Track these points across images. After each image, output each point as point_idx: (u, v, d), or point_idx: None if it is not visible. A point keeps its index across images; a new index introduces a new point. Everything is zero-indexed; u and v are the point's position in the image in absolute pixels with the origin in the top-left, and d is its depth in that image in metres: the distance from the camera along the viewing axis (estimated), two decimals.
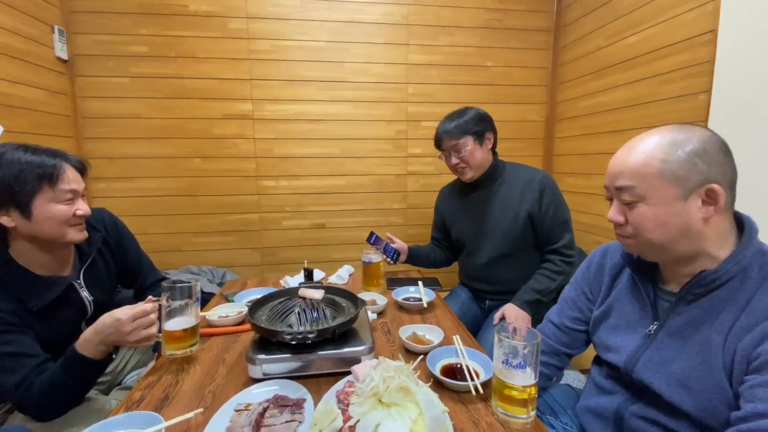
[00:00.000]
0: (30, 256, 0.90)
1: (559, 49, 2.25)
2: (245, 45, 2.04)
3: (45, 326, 0.91)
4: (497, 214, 1.41)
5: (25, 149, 0.85)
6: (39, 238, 0.88)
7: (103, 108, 1.98)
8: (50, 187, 0.86)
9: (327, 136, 2.18)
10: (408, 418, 0.61)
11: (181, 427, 0.69)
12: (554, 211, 1.35)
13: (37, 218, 0.85)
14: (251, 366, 0.82)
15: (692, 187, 0.62)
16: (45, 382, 0.82)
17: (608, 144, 1.89)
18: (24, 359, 0.83)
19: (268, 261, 2.23)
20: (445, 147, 1.42)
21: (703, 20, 1.40)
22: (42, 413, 0.85)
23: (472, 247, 1.49)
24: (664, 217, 0.64)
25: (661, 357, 0.69)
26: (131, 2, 1.94)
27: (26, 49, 1.66)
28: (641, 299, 0.76)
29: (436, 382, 0.80)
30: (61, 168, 0.88)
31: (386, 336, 1.07)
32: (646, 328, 0.73)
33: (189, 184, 2.10)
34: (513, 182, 1.41)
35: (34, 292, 0.89)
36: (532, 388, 0.68)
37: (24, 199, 0.83)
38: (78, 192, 0.92)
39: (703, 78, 1.40)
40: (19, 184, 0.82)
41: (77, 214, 0.91)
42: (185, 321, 0.88)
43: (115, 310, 0.82)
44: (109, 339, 0.82)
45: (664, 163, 0.63)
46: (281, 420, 0.67)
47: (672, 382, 0.66)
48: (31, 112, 1.69)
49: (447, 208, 1.61)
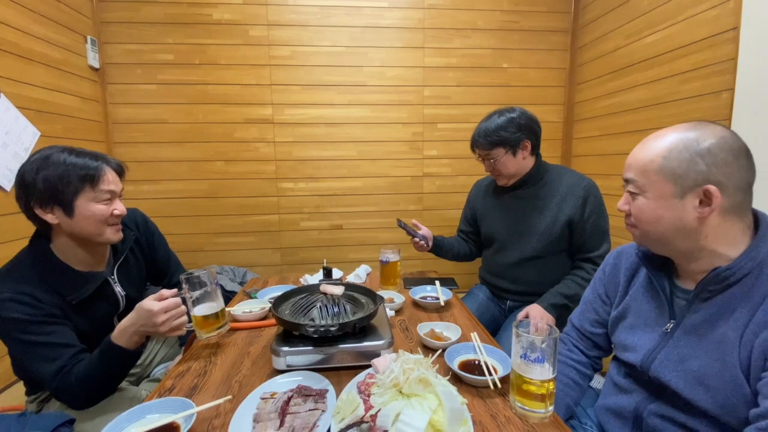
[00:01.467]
0: (70, 253, 0.96)
1: (577, 50, 2.24)
2: (266, 51, 2.11)
3: (82, 319, 0.96)
4: (535, 216, 1.38)
5: (69, 152, 0.91)
6: (79, 236, 0.94)
7: (132, 114, 2.08)
8: (91, 188, 0.91)
9: (344, 139, 2.23)
10: (428, 408, 0.63)
11: (211, 413, 0.72)
12: (596, 219, 1.32)
13: (79, 216, 0.90)
14: (275, 358, 0.85)
15: (689, 186, 0.63)
16: (82, 370, 0.86)
17: (628, 144, 1.87)
18: (62, 349, 0.88)
19: (287, 261, 2.29)
20: (478, 154, 1.42)
21: (724, 18, 1.38)
22: (77, 401, 0.90)
23: (503, 244, 1.46)
24: (659, 211, 0.66)
25: (677, 355, 0.69)
26: (158, 13, 2.03)
27: (61, 59, 1.76)
28: (657, 297, 0.76)
29: (454, 376, 0.81)
30: (102, 170, 0.93)
31: (404, 333, 1.09)
32: (662, 327, 0.73)
33: (211, 186, 2.17)
34: (556, 186, 1.37)
35: (73, 287, 0.94)
36: (550, 383, 0.68)
37: (67, 198, 0.88)
38: (116, 193, 0.97)
39: (726, 76, 1.38)
40: (63, 184, 0.88)
41: (114, 214, 0.95)
42: (211, 306, 0.96)
43: (146, 302, 0.86)
44: (142, 329, 0.87)
45: (665, 160, 0.65)
46: (305, 408, 0.70)
47: (689, 380, 0.66)
48: (66, 118, 1.78)
49: (481, 202, 1.58)
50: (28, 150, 1.55)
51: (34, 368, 0.86)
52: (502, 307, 1.52)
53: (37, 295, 0.87)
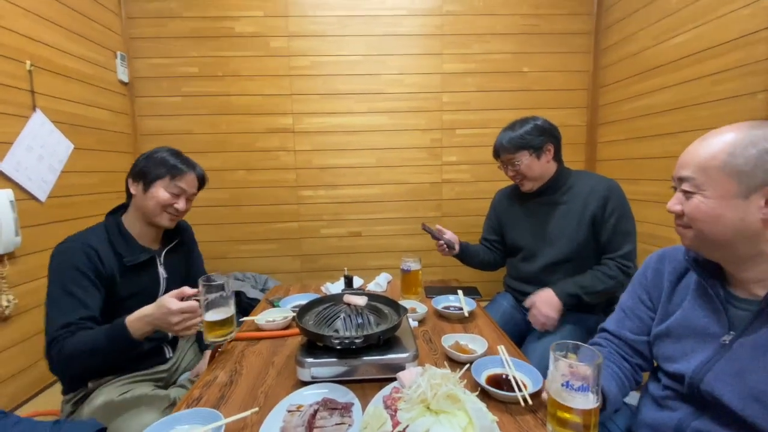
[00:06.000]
0: (134, 225, 1.14)
1: (600, 52, 2.19)
2: (286, 62, 2.14)
3: (127, 284, 1.08)
4: (560, 220, 1.37)
5: (173, 153, 1.15)
6: (143, 210, 1.11)
7: (159, 125, 2.14)
8: (170, 180, 1.11)
9: (363, 147, 2.23)
10: (458, 426, 0.62)
11: (239, 425, 0.73)
12: (618, 218, 1.29)
13: (149, 194, 1.10)
14: (300, 369, 0.85)
15: (756, 186, 0.60)
16: (84, 336, 0.93)
17: (656, 148, 1.81)
18: (80, 308, 0.97)
19: (308, 268, 2.30)
20: (502, 159, 1.42)
21: (759, 16, 1.32)
22: (61, 364, 0.95)
23: (530, 252, 1.45)
24: (719, 210, 0.63)
25: (734, 368, 0.65)
26: (183, 27, 2.09)
27: (93, 74, 1.83)
28: (711, 306, 0.72)
29: (482, 392, 0.80)
30: (184, 172, 1.13)
31: (428, 344, 1.07)
32: (719, 338, 0.69)
33: (233, 195, 2.21)
34: (579, 189, 1.36)
35: (130, 251, 1.10)
36: (593, 412, 0.64)
37: (150, 179, 1.10)
38: (185, 192, 1.14)
39: (762, 77, 1.32)
40: (153, 169, 1.10)
41: (174, 206, 1.12)
42: (223, 312, 0.98)
43: (167, 299, 0.90)
44: (156, 322, 0.91)
45: (731, 157, 0.61)
46: (332, 422, 0.70)
47: (744, 396, 0.62)
48: (97, 131, 1.85)
49: (505, 211, 1.57)
50: (62, 162, 1.62)
51: (48, 314, 0.96)
52: (526, 314, 1.48)
53: (100, 253, 1.04)
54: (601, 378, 0.65)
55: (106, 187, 1.89)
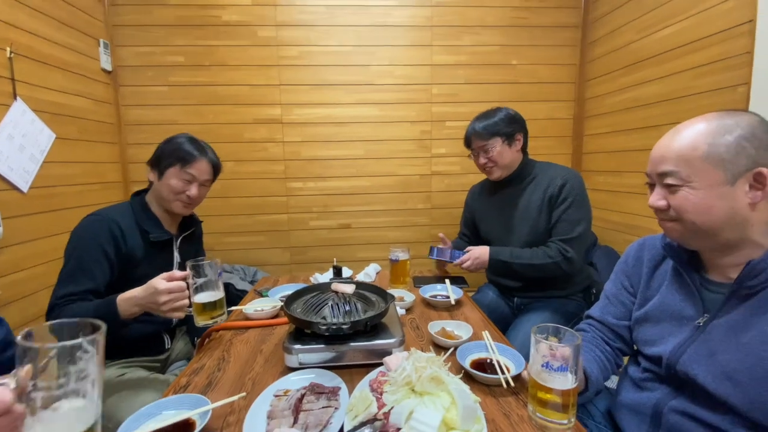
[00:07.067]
0: (155, 207, 1.20)
1: (587, 45, 2.21)
2: (274, 52, 2.12)
3: (143, 263, 1.12)
4: (523, 210, 1.42)
5: (189, 140, 1.19)
6: (158, 196, 1.18)
7: (144, 115, 2.10)
8: (181, 167, 1.15)
9: (352, 138, 2.23)
10: (441, 406, 0.63)
11: (226, 410, 0.73)
12: (569, 205, 1.34)
13: (163, 181, 1.16)
14: (288, 356, 0.86)
15: (740, 171, 0.62)
16: (78, 307, 0.95)
17: (640, 140, 1.84)
18: (86, 279, 1.00)
19: (297, 260, 2.30)
20: (474, 147, 1.46)
21: (740, 10, 1.35)
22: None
23: (499, 242, 1.49)
24: (709, 201, 0.64)
25: (708, 349, 0.68)
26: (169, 15, 2.05)
27: (75, 62, 1.79)
28: (686, 290, 0.74)
29: (466, 375, 0.81)
30: (196, 159, 1.17)
31: (415, 331, 1.09)
32: (693, 321, 0.72)
33: (222, 187, 2.19)
34: (541, 179, 1.42)
35: (155, 229, 1.17)
36: (572, 392, 0.65)
37: (164, 166, 1.15)
38: (196, 178, 1.18)
39: (742, 70, 1.35)
40: (166, 157, 1.16)
41: (186, 193, 1.17)
42: (212, 295, 1.00)
43: (155, 280, 0.90)
44: (143, 302, 0.91)
45: (712, 147, 0.63)
46: (318, 405, 0.71)
47: (717, 375, 0.65)
48: (80, 120, 1.81)
49: (477, 205, 1.64)
50: (44, 152, 1.58)
51: (57, 282, 1.01)
52: (511, 305, 1.53)
53: (124, 229, 1.09)
54: (583, 361, 0.67)
55: (89, 178, 1.86)
